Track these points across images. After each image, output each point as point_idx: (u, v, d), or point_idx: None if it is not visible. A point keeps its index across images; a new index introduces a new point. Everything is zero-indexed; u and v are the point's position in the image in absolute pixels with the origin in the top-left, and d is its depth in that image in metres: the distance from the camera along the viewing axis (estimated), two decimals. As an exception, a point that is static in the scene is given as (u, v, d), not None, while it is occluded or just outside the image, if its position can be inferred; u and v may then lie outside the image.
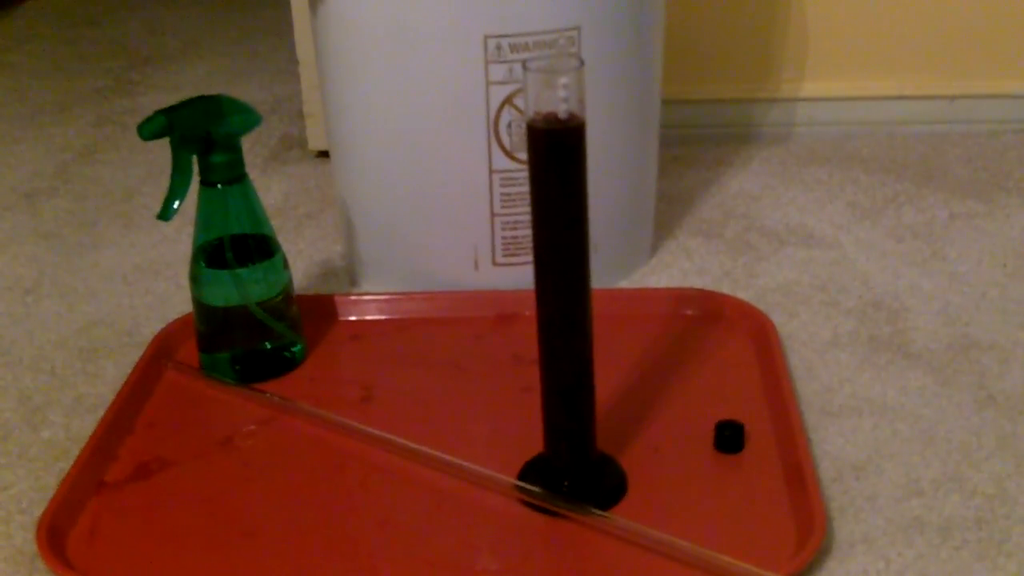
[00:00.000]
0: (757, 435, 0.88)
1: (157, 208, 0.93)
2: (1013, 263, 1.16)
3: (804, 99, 1.47)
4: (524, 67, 0.71)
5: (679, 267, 1.17)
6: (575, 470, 0.83)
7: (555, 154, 0.73)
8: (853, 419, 0.92)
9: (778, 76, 1.47)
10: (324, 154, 1.42)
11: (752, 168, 1.40)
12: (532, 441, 0.84)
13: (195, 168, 0.93)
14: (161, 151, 0.92)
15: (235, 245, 0.95)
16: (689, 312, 1.06)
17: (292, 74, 1.47)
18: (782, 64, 1.46)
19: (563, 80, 0.71)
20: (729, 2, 1.43)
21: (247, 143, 0.92)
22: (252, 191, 0.95)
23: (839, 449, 0.89)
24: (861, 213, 1.27)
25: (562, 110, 0.72)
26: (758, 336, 1.00)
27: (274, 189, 1.37)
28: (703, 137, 1.47)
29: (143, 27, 2.09)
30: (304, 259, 1.21)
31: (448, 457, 0.86)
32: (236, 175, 0.94)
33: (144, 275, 1.19)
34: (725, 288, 1.10)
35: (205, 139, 0.92)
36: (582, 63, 0.71)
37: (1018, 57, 1.45)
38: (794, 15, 1.44)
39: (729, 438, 0.87)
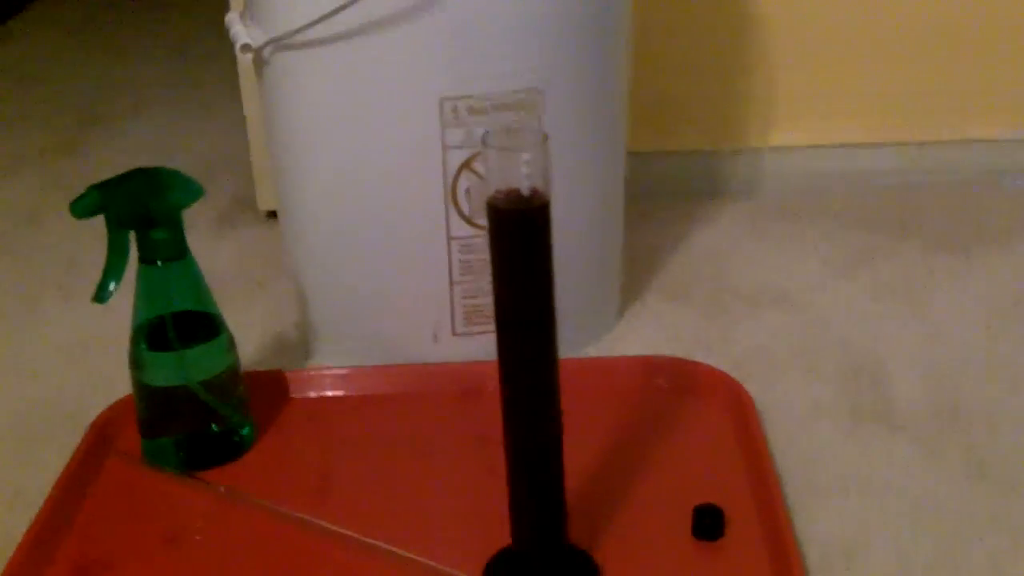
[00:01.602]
0: (738, 519, 0.83)
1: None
2: (997, 322, 1.12)
3: (772, 149, 1.44)
4: (483, 142, 0.66)
5: (649, 332, 1.13)
6: (544, 563, 0.78)
7: (519, 234, 0.68)
8: (839, 497, 0.88)
9: (743, 125, 1.44)
10: (275, 214, 1.37)
11: (721, 223, 1.37)
12: (499, 531, 0.79)
13: (132, 245, 0.88)
14: (106, 218, 0.88)
15: (177, 324, 0.90)
16: (661, 382, 1.01)
17: (245, 129, 1.42)
18: (747, 113, 1.43)
19: (526, 156, 0.66)
20: (693, 52, 1.40)
21: (196, 204, 0.87)
22: (195, 267, 0.90)
23: (825, 531, 0.84)
24: (836, 270, 1.24)
25: (525, 187, 0.67)
26: (735, 408, 0.96)
27: (224, 254, 1.32)
28: (668, 191, 1.43)
29: (93, 84, 2.04)
30: (256, 330, 1.15)
31: (410, 555, 0.81)
32: (178, 252, 0.89)
33: (88, 351, 1.14)
34: (698, 354, 1.06)
35: (144, 215, 0.86)
36: (546, 137, 0.66)
37: (986, 103, 1.43)
38: (759, 65, 1.41)
39: (708, 525, 0.82)
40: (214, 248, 1.34)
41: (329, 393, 1.02)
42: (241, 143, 1.40)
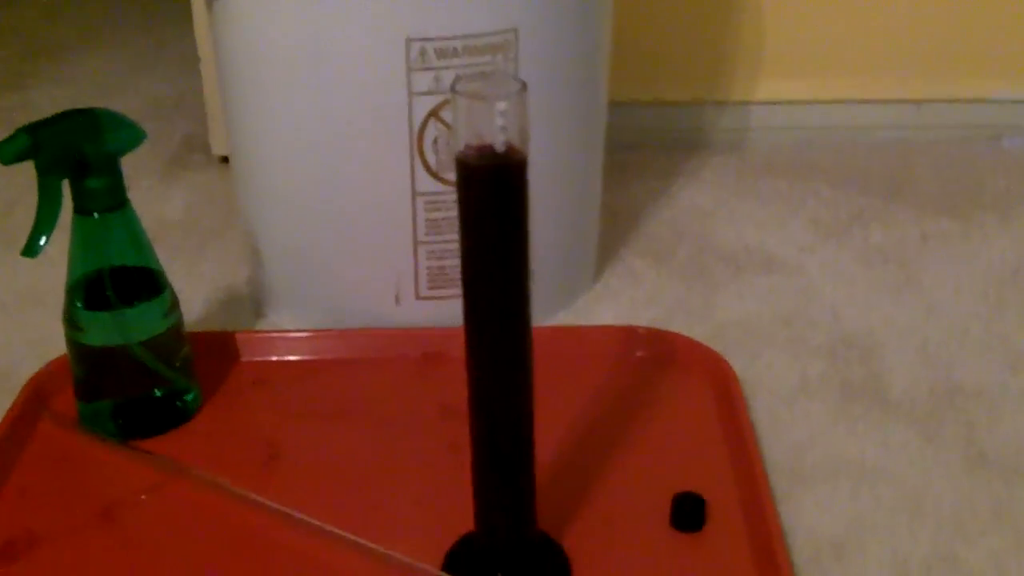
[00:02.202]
0: (719, 508, 0.78)
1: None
2: (995, 292, 1.07)
3: (759, 102, 1.42)
4: (452, 88, 0.59)
5: (627, 295, 1.08)
6: (510, 554, 0.73)
7: (491, 194, 0.61)
8: (829, 484, 0.83)
9: (731, 77, 1.41)
10: (228, 159, 1.32)
11: (704, 178, 1.32)
12: (462, 514, 0.73)
13: (66, 193, 0.81)
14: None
15: (116, 279, 0.84)
16: (639, 354, 0.95)
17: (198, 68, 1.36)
18: (735, 64, 1.40)
19: (501, 106, 0.59)
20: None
21: (144, 146, 0.82)
22: (135, 219, 0.84)
23: (814, 521, 0.79)
24: (825, 232, 1.19)
25: (499, 142, 0.60)
26: (717, 384, 0.90)
27: (174, 200, 1.27)
28: (650, 143, 1.41)
29: (39, 14, 1.99)
30: (205, 284, 1.10)
31: (364, 541, 0.75)
32: (116, 202, 0.82)
33: (25, 304, 1.07)
34: (678, 321, 1.00)
35: (79, 161, 0.80)
36: (524, 85, 0.59)
37: (987, 59, 1.40)
38: (748, 12, 1.38)
39: (688, 514, 0.77)
40: (163, 194, 1.28)
41: (281, 357, 0.97)
42: (195, 82, 1.35)
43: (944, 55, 1.39)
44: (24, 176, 1.07)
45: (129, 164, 0.82)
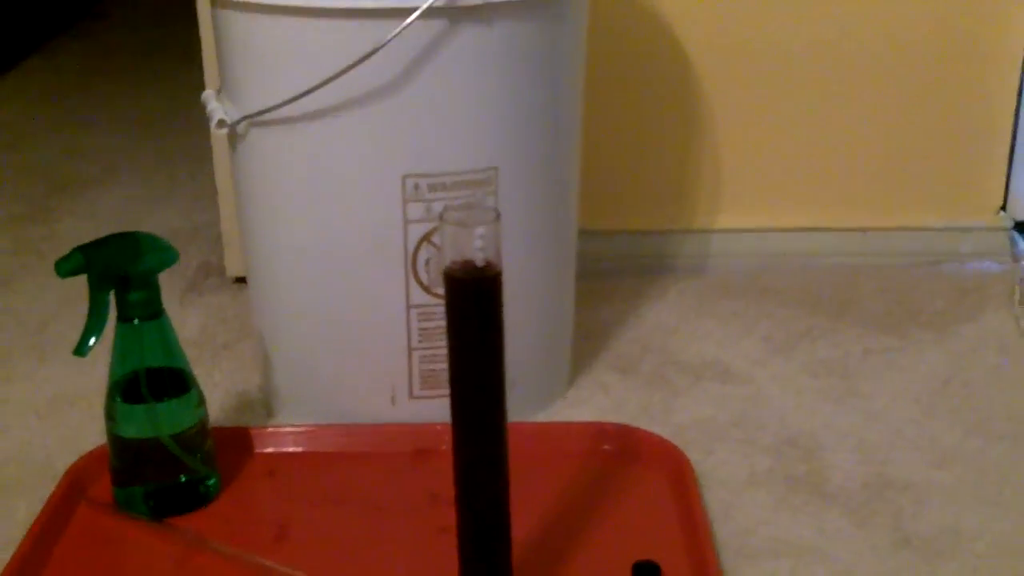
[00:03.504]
0: (674, 574, 0.88)
1: (71, 339, 0.92)
2: (927, 399, 1.17)
3: (719, 231, 1.49)
4: (441, 218, 0.72)
5: (596, 402, 1.17)
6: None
7: (472, 301, 0.74)
8: (770, 561, 0.92)
9: (693, 208, 1.48)
10: (243, 280, 1.40)
11: (668, 300, 1.41)
12: None
13: (111, 303, 0.92)
14: (77, 281, 0.92)
15: (150, 379, 0.94)
16: (606, 448, 1.05)
17: (211, 200, 1.45)
18: (696, 196, 1.48)
19: (479, 231, 0.72)
20: (645, 135, 1.46)
21: (165, 272, 0.92)
22: (168, 326, 0.95)
23: (756, 592, 0.88)
24: (775, 348, 1.28)
25: (479, 259, 0.72)
26: (675, 474, 1.00)
27: (191, 321, 1.36)
28: (619, 269, 1.47)
29: (61, 152, 2.07)
30: (220, 391, 1.19)
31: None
32: (153, 312, 0.93)
33: (58, 407, 1.17)
34: (643, 424, 1.10)
35: (122, 277, 0.91)
36: (498, 215, 0.72)
37: (925, 191, 1.48)
38: (709, 149, 1.46)
39: (646, 579, 0.87)
40: (182, 316, 1.36)
41: (290, 449, 1.06)
42: (207, 215, 1.42)
43: (888, 188, 1.47)
44: (56, 297, 1.17)
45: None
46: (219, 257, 1.47)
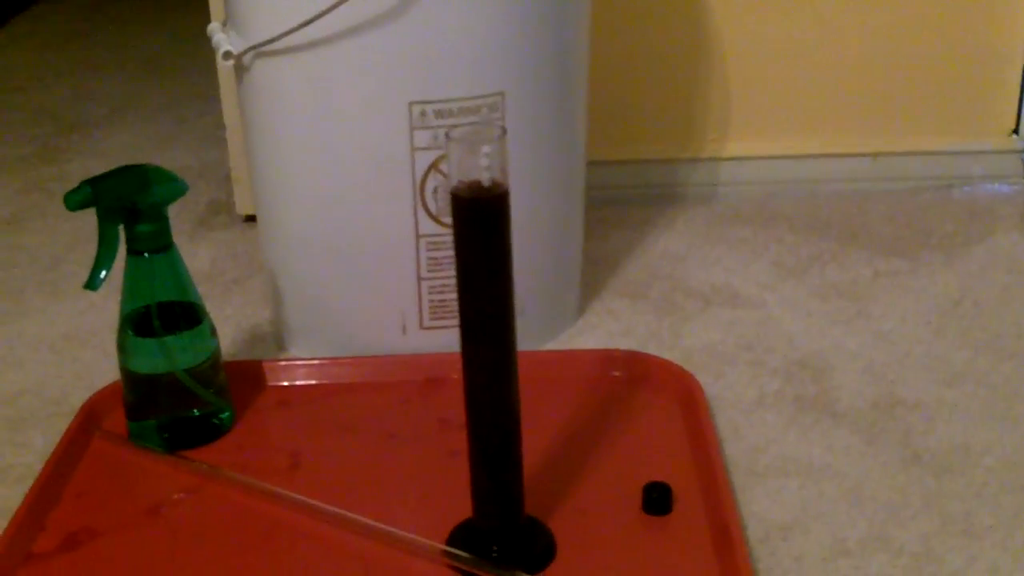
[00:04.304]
0: (685, 497, 0.88)
1: (83, 276, 0.93)
2: (937, 320, 1.17)
3: (727, 159, 1.48)
4: (447, 136, 0.72)
5: (605, 328, 1.18)
6: (503, 535, 0.83)
7: (479, 222, 0.73)
8: (780, 480, 0.93)
9: (701, 136, 1.48)
10: (252, 219, 1.42)
11: (677, 228, 1.41)
12: (461, 506, 0.84)
13: (121, 237, 0.93)
14: (87, 219, 0.92)
15: (162, 313, 0.95)
16: (616, 373, 1.06)
17: (219, 139, 1.46)
18: (705, 124, 1.48)
19: (485, 149, 0.71)
20: (652, 64, 1.45)
21: (174, 209, 0.92)
22: (179, 259, 0.95)
23: (766, 510, 0.89)
24: (785, 272, 1.28)
25: (485, 178, 0.72)
26: (685, 397, 1.01)
27: (201, 255, 1.37)
28: (628, 198, 1.47)
29: (69, 94, 2.08)
30: (231, 325, 1.20)
31: (376, 524, 0.86)
32: (162, 244, 0.94)
33: (71, 343, 1.18)
34: (652, 349, 1.11)
35: (131, 209, 0.91)
36: (504, 131, 0.72)
37: (937, 115, 1.48)
38: (716, 76, 1.45)
39: (656, 500, 0.87)
40: (192, 251, 1.38)
41: (301, 382, 1.06)
42: (215, 153, 1.43)
43: (897, 112, 1.46)
44: (67, 235, 1.18)
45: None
46: (228, 195, 1.48)
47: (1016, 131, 1.50)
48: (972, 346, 1.12)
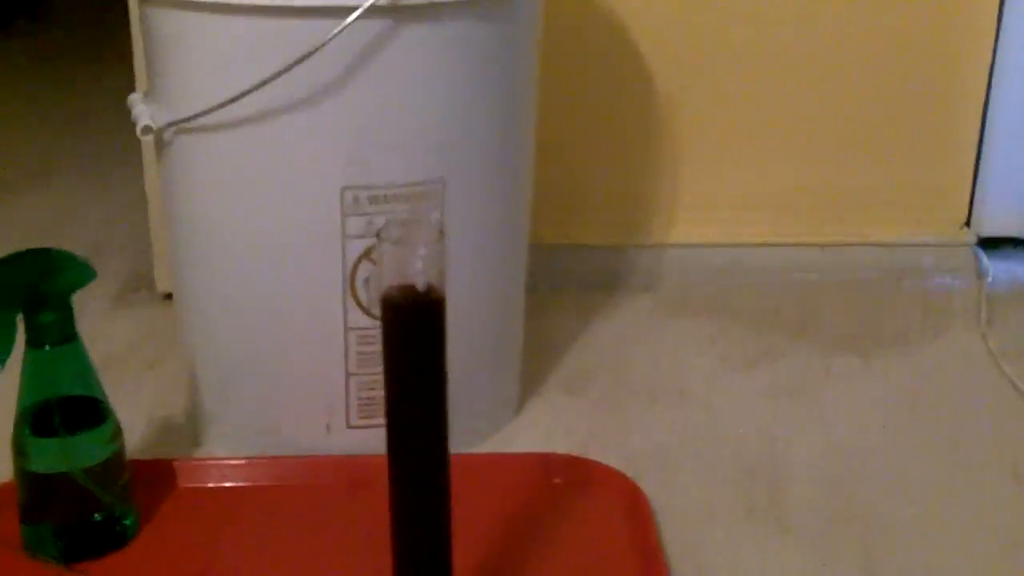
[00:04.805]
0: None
1: (-19, 363, 0.85)
2: (893, 424, 1.13)
3: (674, 245, 1.45)
4: (378, 236, 0.65)
5: (546, 426, 1.12)
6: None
7: (412, 330, 0.68)
8: None
9: (648, 221, 1.45)
10: (172, 296, 1.34)
11: (621, 317, 1.36)
12: None
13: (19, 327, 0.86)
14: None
15: (63, 408, 0.88)
16: (557, 480, 1.00)
17: (144, 208, 1.40)
18: (652, 209, 1.45)
19: (422, 251, 0.65)
20: (599, 147, 1.42)
21: (92, 283, 0.85)
22: (83, 351, 0.88)
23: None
24: (733, 367, 1.24)
25: (420, 282, 0.66)
26: (630, 509, 0.95)
27: (117, 335, 1.30)
28: (570, 283, 1.43)
29: None
30: (143, 415, 1.13)
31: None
32: (66, 335, 0.87)
33: None
34: (594, 451, 1.05)
35: (32, 297, 0.84)
36: (442, 232, 0.66)
37: (888, 206, 1.45)
38: (664, 161, 1.42)
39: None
40: (107, 328, 1.31)
41: (216, 484, 1.00)
42: (139, 223, 1.38)
43: (848, 201, 1.44)
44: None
45: (76, 299, 0.86)
46: (150, 268, 1.40)
47: (967, 223, 1.48)
48: (930, 454, 1.08)
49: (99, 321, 1.32)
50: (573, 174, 1.42)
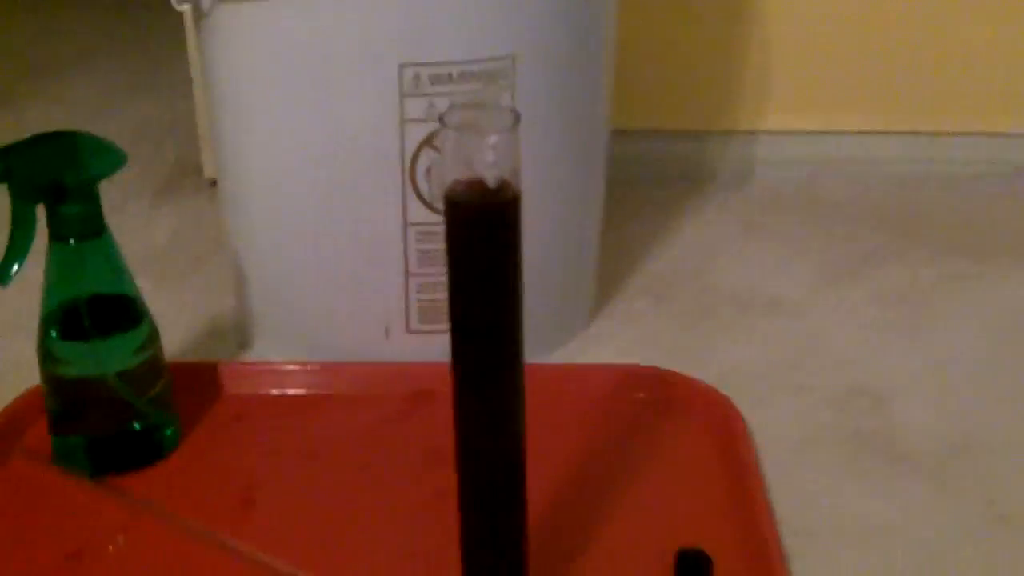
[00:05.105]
0: (726, 567, 0.73)
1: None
2: (1014, 337, 1.03)
3: (766, 132, 1.38)
4: (442, 121, 0.55)
5: (624, 336, 1.04)
6: (500, 612, 0.68)
7: (482, 234, 0.58)
8: (839, 545, 0.78)
9: (737, 106, 1.37)
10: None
11: (707, 215, 1.28)
12: (448, 567, 0.69)
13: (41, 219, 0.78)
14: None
15: (93, 309, 0.80)
16: (640, 396, 0.91)
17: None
18: (742, 92, 1.37)
19: (492, 140, 0.55)
20: (683, 22, 1.34)
21: (136, 169, 0.78)
22: (113, 246, 0.81)
23: (824, 583, 0.74)
24: (834, 273, 1.15)
25: (490, 177, 0.56)
26: (723, 431, 0.86)
27: (162, 225, 1.23)
28: (650, 175, 1.36)
29: (36, 32, 1.97)
30: (188, 314, 1.06)
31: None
32: (94, 229, 0.79)
33: (3, 331, 1.03)
34: (679, 365, 0.95)
35: (54, 187, 0.77)
36: (517, 117, 0.55)
37: (1006, 93, 1.36)
38: (756, 40, 1.34)
39: (693, 573, 0.72)
40: (152, 220, 1.25)
41: (264, 391, 0.93)
42: (191, 104, 1.32)
43: (960, 86, 1.36)
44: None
45: (117, 188, 0.78)
46: (197, 155, 1.34)
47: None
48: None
49: (144, 210, 1.26)
50: (653, 52, 1.35)
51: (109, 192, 0.79)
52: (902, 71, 1.35)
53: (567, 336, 1.03)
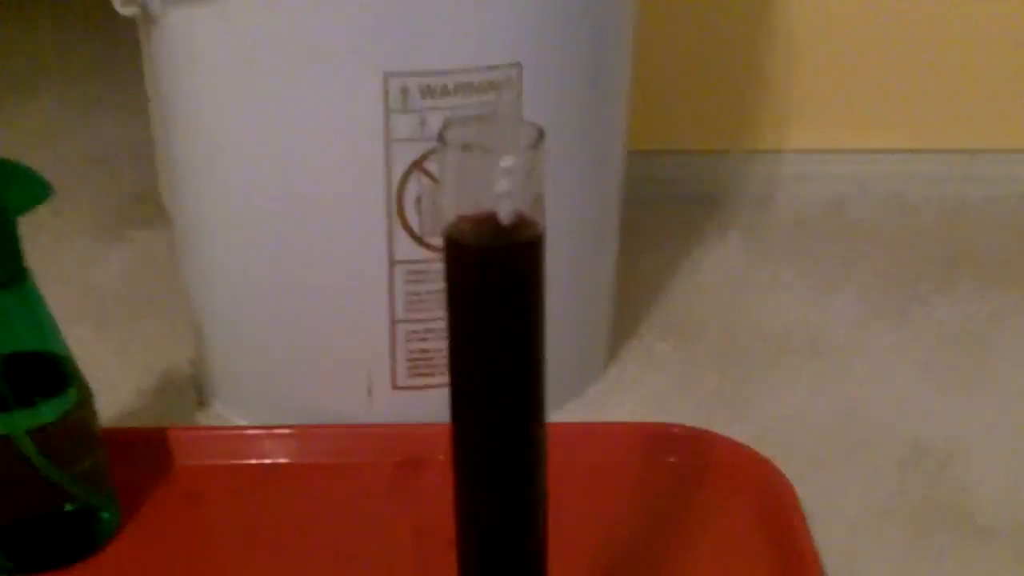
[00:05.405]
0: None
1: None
2: None
3: (792, 151, 1.31)
4: (441, 138, 0.43)
5: (647, 383, 0.93)
6: None
7: (493, 284, 0.46)
8: None
9: (760, 123, 1.31)
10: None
11: (730, 241, 1.19)
12: None
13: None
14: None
15: (11, 370, 0.70)
16: (671, 460, 0.81)
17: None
18: (766, 108, 1.30)
19: (507, 162, 0.43)
20: (703, 34, 1.27)
21: (89, 196, 0.71)
22: (36, 295, 0.70)
23: None
24: (877, 308, 1.05)
25: (505, 210, 0.43)
26: (770, 505, 0.75)
27: (112, 261, 1.13)
28: (668, 197, 1.29)
29: None
30: (136, 366, 0.95)
31: None
32: (11, 275, 0.69)
33: None
34: (712, 421, 0.85)
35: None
36: (542, 133, 0.43)
37: None
38: (781, 52, 1.27)
39: None
40: (100, 254, 1.15)
41: (223, 461, 0.83)
42: (147, 129, 1.22)
43: (1000, 101, 1.29)
44: None
45: (63, 219, 0.68)
46: (153, 184, 1.24)
47: None
48: None
49: (87, 247, 1.16)
50: (672, 64, 1.28)
51: (51, 224, 0.68)
52: (935, 85, 1.29)
53: (582, 384, 0.94)
